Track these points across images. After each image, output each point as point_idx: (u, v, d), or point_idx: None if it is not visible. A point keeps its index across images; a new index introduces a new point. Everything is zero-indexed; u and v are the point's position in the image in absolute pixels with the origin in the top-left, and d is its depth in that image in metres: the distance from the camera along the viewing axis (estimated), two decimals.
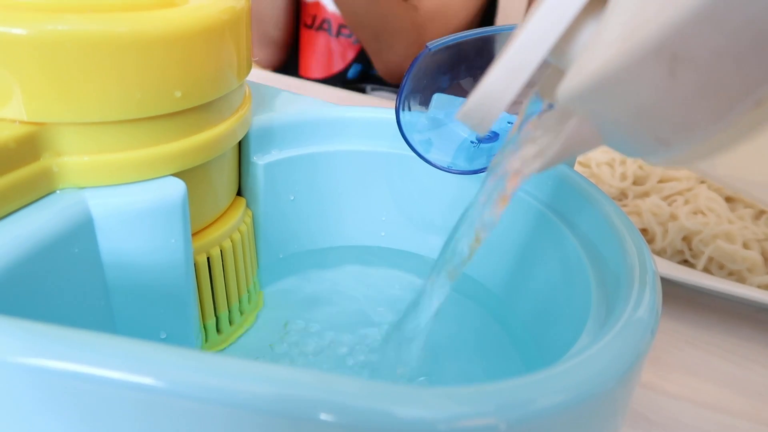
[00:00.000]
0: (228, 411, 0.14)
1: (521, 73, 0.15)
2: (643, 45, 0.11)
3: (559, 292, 0.25)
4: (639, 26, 0.11)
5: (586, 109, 0.14)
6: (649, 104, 0.12)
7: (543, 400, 0.15)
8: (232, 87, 0.24)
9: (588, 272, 0.23)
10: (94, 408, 0.14)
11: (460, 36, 0.27)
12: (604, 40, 0.13)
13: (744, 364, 0.33)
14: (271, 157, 0.29)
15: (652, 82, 0.11)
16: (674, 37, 0.10)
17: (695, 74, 0.10)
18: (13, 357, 0.14)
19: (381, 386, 0.14)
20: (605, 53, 0.12)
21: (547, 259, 0.26)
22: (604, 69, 0.12)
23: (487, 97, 0.15)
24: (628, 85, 0.11)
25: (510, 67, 0.15)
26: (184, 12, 0.21)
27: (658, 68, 0.11)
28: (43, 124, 0.20)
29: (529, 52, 0.14)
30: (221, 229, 0.27)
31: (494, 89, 0.15)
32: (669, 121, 0.12)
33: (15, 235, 0.19)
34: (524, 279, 0.28)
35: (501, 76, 0.15)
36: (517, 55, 0.15)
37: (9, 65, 0.18)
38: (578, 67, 0.13)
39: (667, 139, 0.12)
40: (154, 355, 0.14)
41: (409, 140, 0.28)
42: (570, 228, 0.25)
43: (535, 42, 0.14)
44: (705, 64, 0.10)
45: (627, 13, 0.12)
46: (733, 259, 0.38)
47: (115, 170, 0.21)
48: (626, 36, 0.12)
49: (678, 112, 0.11)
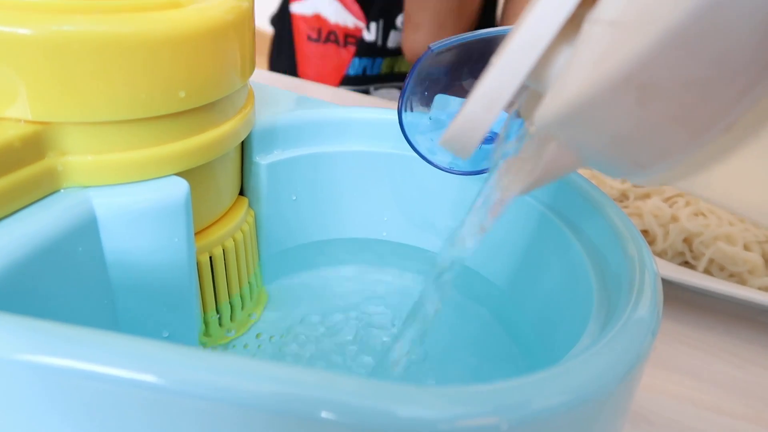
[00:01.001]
0: (231, 409, 0.14)
1: (498, 101, 0.15)
2: (610, 77, 0.11)
3: (561, 294, 0.25)
4: (606, 58, 0.11)
5: (563, 135, 0.14)
6: (622, 131, 0.12)
7: (544, 400, 0.15)
8: (236, 87, 0.24)
9: (589, 274, 0.23)
10: (101, 406, 0.14)
11: (463, 37, 0.27)
12: (575, 69, 0.13)
13: (744, 366, 0.33)
14: (273, 157, 0.29)
15: (623, 111, 0.11)
16: (640, 70, 0.11)
17: (664, 104, 0.11)
18: (19, 355, 0.14)
19: (383, 386, 0.14)
20: (577, 83, 0.12)
21: (548, 261, 0.26)
22: (576, 98, 0.12)
23: (466, 125, 0.16)
24: (600, 113, 0.12)
25: (487, 95, 0.15)
26: (189, 13, 0.21)
27: (627, 98, 0.11)
28: (48, 123, 0.20)
29: (506, 80, 0.15)
30: (224, 228, 0.27)
31: (473, 117, 0.15)
32: (643, 146, 0.12)
33: (20, 233, 0.19)
34: (526, 280, 0.28)
35: (479, 104, 0.15)
36: (494, 84, 0.15)
37: (15, 65, 0.19)
38: (553, 94, 0.14)
39: (644, 163, 0.12)
40: (160, 354, 0.14)
41: (411, 141, 0.28)
42: (571, 229, 0.26)
43: (510, 70, 0.15)
44: (672, 94, 0.10)
45: (596, 43, 0.13)
46: (734, 261, 0.38)
47: (119, 169, 0.21)
48: (596, 67, 0.12)
49: (651, 138, 0.12)
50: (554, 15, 0.14)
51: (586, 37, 0.13)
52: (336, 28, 0.85)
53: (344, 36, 0.86)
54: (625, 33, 0.11)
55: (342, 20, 0.85)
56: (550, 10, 0.14)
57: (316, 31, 0.87)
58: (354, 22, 0.85)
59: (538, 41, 0.14)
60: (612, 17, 0.12)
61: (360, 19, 0.84)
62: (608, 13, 0.13)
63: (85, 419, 0.15)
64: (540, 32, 0.14)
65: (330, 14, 0.85)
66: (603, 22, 0.13)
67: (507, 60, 0.14)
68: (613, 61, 0.11)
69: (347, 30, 0.85)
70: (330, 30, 0.86)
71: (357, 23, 0.85)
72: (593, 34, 0.13)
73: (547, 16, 0.14)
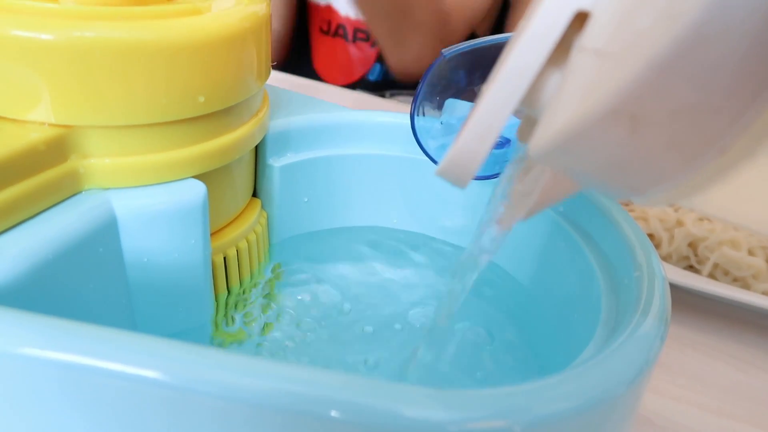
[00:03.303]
0: (243, 407, 0.14)
1: (491, 132, 0.15)
2: (599, 108, 0.11)
3: (571, 297, 0.26)
4: (594, 89, 0.12)
5: (557, 165, 0.14)
6: (615, 159, 0.12)
7: (554, 404, 0.15)
8: (253, 92, 0.24)
9: (598, 278, 0.23)
10: (118, 403, 0.15)
11: (474, 43, 0.28)
12: (565, 100, 0.13)
13: (748, 369, 0.33)
14: (286, 159, 0.30)
15: (614, 140, 0.11)
16: (628, 101, 0.11)
17: (655, 132, 0.11)
18: (41, 353, 0.15)
19: (394, 387, 0.15)
20: (566, 114, 0.12)
21: (558, 265, 0.27)
22: (567, 130, 0.12)
23: (461, 157, 0.16)
24: (592, 143, 0.12)
25: (479, 127, 0.15)
26: (208, 20, 0.21)
27: (619, 127, 0.11)
28: (71, 126, 0.20)
29: (497, 111, 0.15)
30: (238, 230, 0.27)
31: (467, 149, 0.15)
32: (637, 173, 0.12)
33: (44, 234, 0.19)
34: (541, 280, 0.29)
35: (472, 136, 0.15)
36: (485, 115, 0.15)
37: (40, 70, 0.19)
38: (544, 125, 0.14)
39: (639, 188, 0.12)
40: (175, 353, 0.15)
41: (423, 145, 0.29)
42: (580, 234, 0.26)
43: (501, 101, 0.15)
44: (663, 123, 0.10)
45: (583, 73, 0.13)
46: (738, 266, 0.38)
47: (139, 172, 0.22)
48: (584, 97, 0.12)
49: (645, 165, 0.12)
50: (541, 43, 0.14)
51: (573, 66, 0.13)
52: (346, 22, 0.82)
53: (354, 31, 0.82)
54: (612, 63, 0.11)
55: (353, 13, 0.80)
56: (537, 37, 0.14)
57: (326, 23, 0.83)
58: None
59: (526, 70, 0.14)
60: (598, 46, 0.12)
61: None
62: (594, 41, 0.13)
63: (103, 415, 0.15)
64: (528, 61, 0.14)
65: (341, 6, 0.81)
66: (590, 51, 0.13)
67: (497, 91, 0.14)
68: (601, 93, 0.11)
69: (358, 24, 0.81)
70: (339, 23, 0.82)
71: None
72: (580, 62, 0.13)
73: (534, 44, 0.14)
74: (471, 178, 0.16)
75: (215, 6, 0.23)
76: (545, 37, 0.14)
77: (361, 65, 0.83)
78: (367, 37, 0.82)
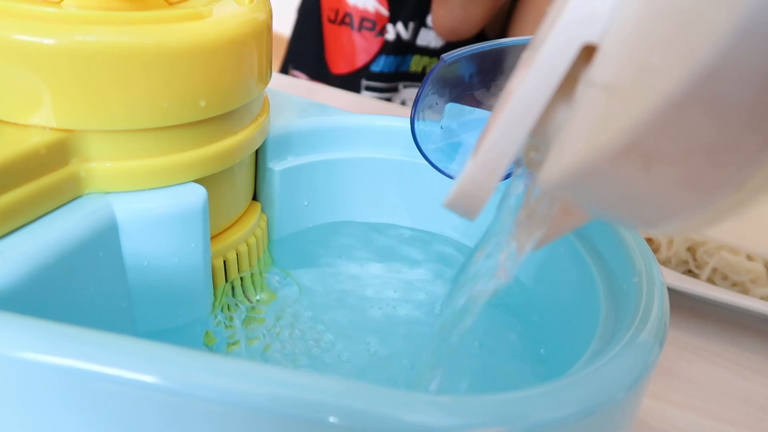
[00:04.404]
0: (241, 412, 0.14)
1: (499, 166, 0.15)
2: (610, 146, 0.11)
3: (570, 303, 0.26)
4: (604, 126, 0.11)
5: (568, 197, 0.14)
6: (628, 195, 0.12)
7: (553, 412, 0.15)
8: (253, 96, 0.24)
9: (597, 284, 0.23)
10: (116, 407, 0.15)
11: (475, 48, 0.28)
12: (573, 136, 0.13)
13: (747, 374, 0.33)
14: (286, 163, 0.30)
15: (627, 177, 0.11)
16: (639, 139, 0.10)
17: (669, 169, 0.10)
18: (40, 357, 0.15)
19: (391, 393, 0.15)
20: (576, 150, 0.12)
21: (558, 270, 0.27)
22: (577, 166, 0.12)
23: (470, 190, 0.15)
24: (604, 180, 0.12)
25: (488, 161, 0.15)
26: (209, 25, 0.21)
27: (631, 165, 0.11)
28: (72, 131, 0.20)
29: (505, 145, 0.14)
30: (238, 233, 0.27)
31: (476, 182, 0.15)
32: (651, 208, 0.12)
33: (44, 238, 0.19)
34: (537, 289, 0.29)
35: (480, 168, 0.15)
36: (494, 150, 0.15)
37: (41, 74, 0.19)
38: (553, 158, 0.13)
39: (652, 221, 0.12)
40: (172, 358, 0.15)
41: (422, 150, 0.29)
42: (579, 239, 0.26)
43: (509, 136, 0.14)
44: (677, 160, 0.10)
45: (592, 108, 0.12)
46: (737, 270, 0.38)
47: (140, 176, 0.22)
48: (594, 135, 0.12)
49: (658, 201, 0.11)
50: (549, 76, 0.14)
51: (582, 100, 0.13)
52: (353, 11, 0.81)
53: (360, 20, 0.81)
54: (622, 100, 0.11)
55: (361, 2, 0.80)
56: (545, 70, 0.14)
57: (334, 13, 0.83)
58: (375, 6, 0.80)
59: (534, 104, 0.14)
60: (606, 81, 0.12)
61: (383, 4, 0.80)
62: (603, 76, 0.12)
63: (101, 420, 0.15)
64: (535, 95, 0.14)
65: None
66: (598, 86, 0.12)
67: (504, 124, 0.14)
68: (612, 130, 0.11)
69: (365, 14, 0.80)
70: (346, 12, 0.82)
71: (378, 9, 0.80)
72: (589, 97, 0.13)
73: (542, 78, 0.14)
74: (480, 211, 0.16)
75: (216, 11, 0.23)
76: (553, 70, 0.13)
77: (365, 54, 0.83)
78: (372, 27, 0.81)
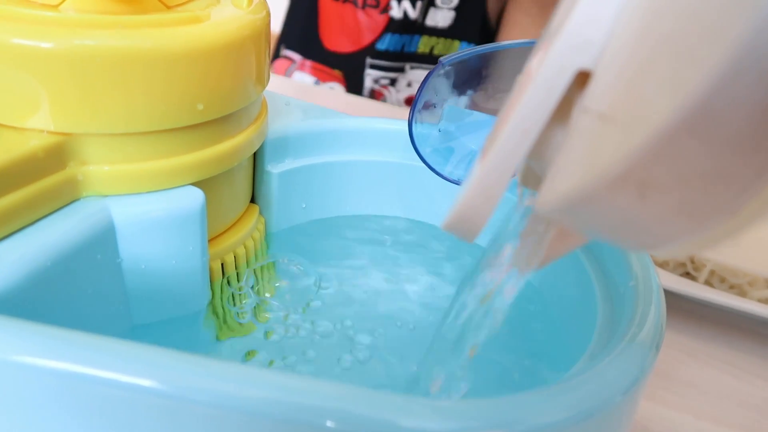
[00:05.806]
0: (238, 416, 0.14)
1: (496, 192, 0.15)
2: (607, 174, 0.11)
3: (567, 307, 0.26)
4: (599, 154, 0.11)
5: (564, 222, 0.14)
6: (623, 221, 0.12)
7: (549, 416, 0.15)
8: (252, 99, 0.24)
9: (594, 287, 0.23)
10: (113, 411, 0.15)
11: (473, 51, 0.28)
12: (569, 163, 0.13)
13: (744, 377, 0.34)
14: (284, 166, 0.30)
15: (623, 204, 0.11)
16: (637, 167, 0.10)
17: (665, 197, 0.10)
18: (37, 361, 0.15)
19: (388, 397, 0.15)
20: (572, 177, 0.12)
21: (555, 273, 0.27)
22: (572, 194, 0.12)
23: (467, 214, 0.16)
24: (599, 207, 0.12)
25: (484, 185, 0.15)
26: (207, 28, 0.22)
27: (627, 193, 0.11)
28: (70, 134, 0.20)
29: (500, 170, 0.15)
30: (236, 236, 0.27)
31: (472, 206, 0.15)
32: (647, 233, 0.12)
33: (42, 242, 0.19)
34: (534, 292, 0.29)
35: (477, 193, 0.15)
36: (490, 175, 0.15)
37: (39, 77, 0.19)
38: (548, 184, 0.14)
39: (649, 245, 0.12)
40: (169, 362, 0.15)
41: (420, 153, 0.29)
42: None
43: (504, 159, 0.14)
44: (673, 188, 0.10)
45: (587, 136, 0.12)
46: (735, 273, 0.38)
47: (138, 179, 0.22)
48: (589, 163, 0.12)
49: (654, 227, 0.11)
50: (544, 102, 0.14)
51: (577, 126, 0.13)
52: None
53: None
54: (617, 129, 0.11)
55: None
56: (539, 96, 0.14)
57: None
58: None
59: (528, 130, 0.14)
60: (602, 109, 0.12)
61: None
62: (597, 103, 0.12)
63: (98, 424, 0.15)
64: (530, 121, 0.14)
65: None
66: (593, 113, 0.12)
67: (499, 149, 0.14)
68: (607, 159, 0.11)
69: None
70: None
71: None
72: (584, 124, 0.13)
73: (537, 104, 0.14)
74: (478, 234, 0.16)
75: (214, 14, 0.23)
76: (548, 96, 0.14)
77: (370, 32, 0.81)
78: (376, 4, 0.80)
